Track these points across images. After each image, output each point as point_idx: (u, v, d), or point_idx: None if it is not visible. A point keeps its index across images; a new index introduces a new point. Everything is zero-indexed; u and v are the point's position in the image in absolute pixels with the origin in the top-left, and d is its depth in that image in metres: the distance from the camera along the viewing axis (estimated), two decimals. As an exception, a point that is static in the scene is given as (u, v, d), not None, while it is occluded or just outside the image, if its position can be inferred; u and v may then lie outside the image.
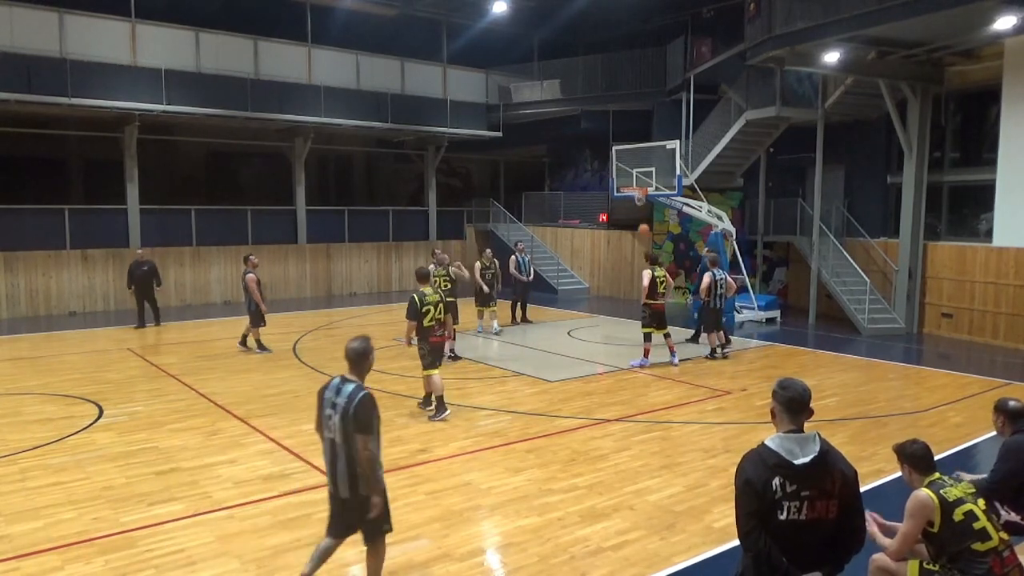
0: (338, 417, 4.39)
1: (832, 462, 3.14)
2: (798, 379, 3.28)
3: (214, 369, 11.68)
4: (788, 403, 3.18)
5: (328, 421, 4.48)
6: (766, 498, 3.05)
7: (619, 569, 5.22)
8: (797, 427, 3.17)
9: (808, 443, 3.12)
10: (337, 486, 4.49)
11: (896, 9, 12.02)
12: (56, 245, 17.61)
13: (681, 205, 17.58)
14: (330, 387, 4.53)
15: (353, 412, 4.33)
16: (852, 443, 8.03)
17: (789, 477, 3.05)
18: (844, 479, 3.13)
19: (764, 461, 3.11)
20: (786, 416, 3.18)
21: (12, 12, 16.11)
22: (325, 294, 21.58)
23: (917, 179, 15.20)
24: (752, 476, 3.10)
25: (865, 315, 15.39)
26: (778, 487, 3.05)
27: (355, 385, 4.45)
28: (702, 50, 19.70)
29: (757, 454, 3.16)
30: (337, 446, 4.43)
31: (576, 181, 25.72)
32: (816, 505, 3.07)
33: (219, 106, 18.39)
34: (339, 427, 4.39)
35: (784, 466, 3.07)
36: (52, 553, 5.36)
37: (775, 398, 3.23)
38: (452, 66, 23.03)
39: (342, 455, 4.41)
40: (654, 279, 11.82)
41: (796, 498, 3.05)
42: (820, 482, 3.08)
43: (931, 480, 4.14)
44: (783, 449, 3.11)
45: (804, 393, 3.19)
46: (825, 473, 3.10)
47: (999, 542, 3.95)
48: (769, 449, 3.13)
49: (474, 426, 8.60)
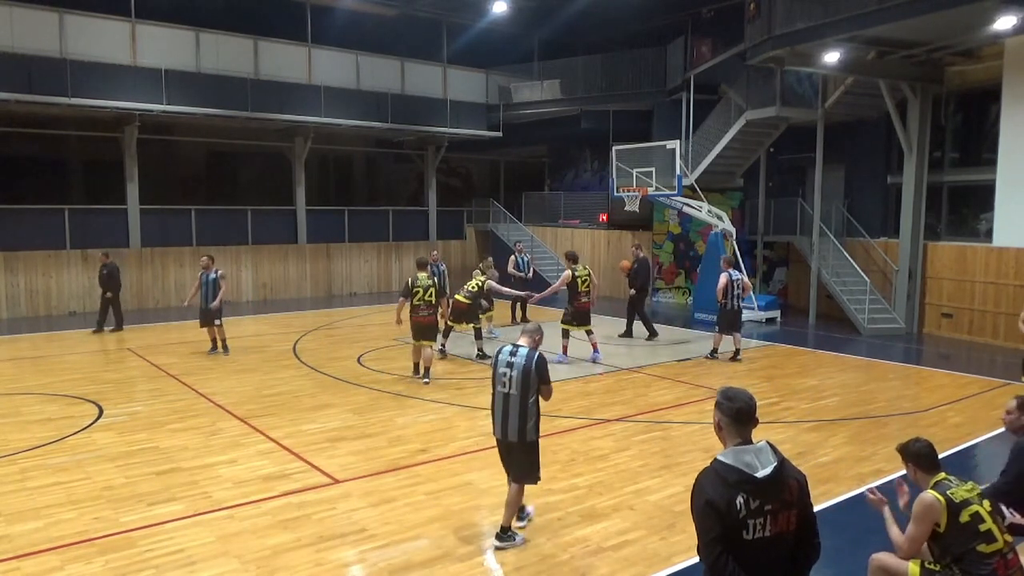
0: (515, 373, 5.41)
1: (787, 471, 2.96)
2: (741, 388, 3.08)
3: (214, 369, 11.68)
4: (736, 415, 2.98)
5: (503, 377, 5.46)
6: (730, 518, 2.82)
7: (619, 569, 5.22)
8: (744, 439, 2.98)
9: (764, 453, 2.93)
10: (507, 433, 5.47)
11: (896, 9, 12.01)
12: (56, 245, 17.61)
13: (681, 205, 17.58)
14: (503, 352, 5.56)
15: (535, 367, 5.41)
16: (852, 443, 8.03)
17: (752, 493, 2.84)
18: (799, 487, 2.96)
19: (724, 479, 2.87)
20: (734, 428, 2.98)
21: (12, 12, 16.10)
22: (325, 294, 21.58)
23: (917, 179, 15.20)
24: (713, 496, 2.84)
25: (865, 315, 15.39)
26: (742, 505, 2.83)
27: (528, 349, 5.52)
28: (702, 50, 19.71)
29: (714, 472, 2.92)
30: (511, 398, 5.43)
31: (576, 181, 25.72)
32: (779, 519, 2.88)
33: (219, 106, 18.39)
34: (517, 381, 5.41)
35: (746, 481, 2.85)
36: (52, 553, 5.36)
37: (720, 410, 3.01)
38: (452, 66, 23.02)
39: (515, 405, 5.42)
40: (575, 279, 12.08)
41: (760, 514, 2.85)
42: (780, 493, 2.89)
43: (937, 480, 4.12)
44: (742, 463, 2.88)
45: (750, 403, 3.00)
46: (784, 484, 2.91)
47: (1004, 544, 3.94)
48: (726, 465, 2.90)
49: (474, 426, 8.59)
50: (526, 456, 5.54)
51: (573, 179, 25.98)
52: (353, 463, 7.31)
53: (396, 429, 8.46)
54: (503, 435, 5.52)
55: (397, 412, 9.17)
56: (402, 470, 7.12)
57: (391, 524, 5.89)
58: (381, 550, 5.45)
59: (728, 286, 12.23)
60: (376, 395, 10.03)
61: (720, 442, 3.05)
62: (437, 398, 9.87)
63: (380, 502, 6.33)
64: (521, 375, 5.40)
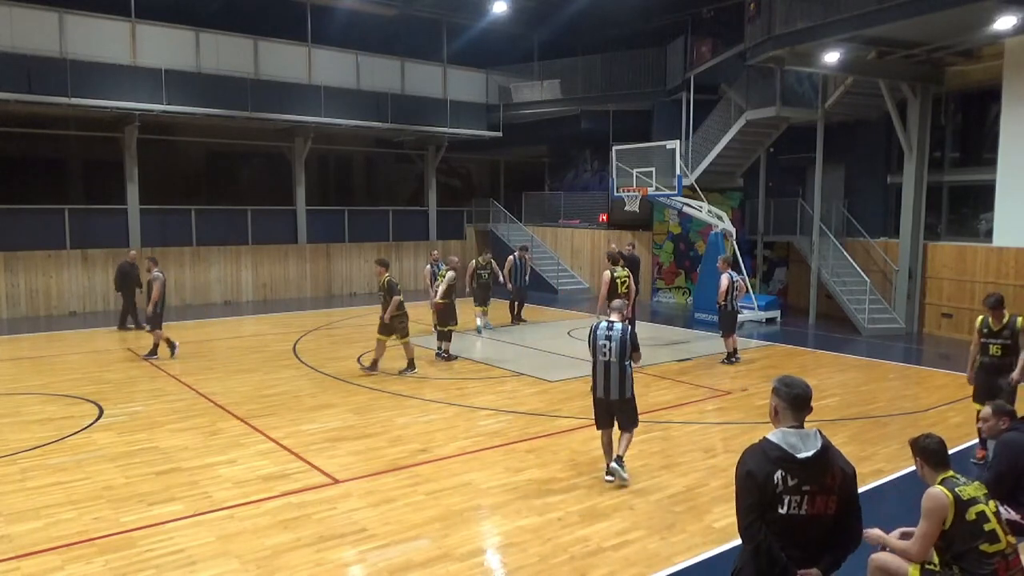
0: (614, 344, 6.62)
1: (832, 458, 3.16)
2: (799, 377, 3.30)
3: (214, 369, 11.68)
4: (793, 400, 3.19)
5: (603, 348, 6.66)
6: (767, 491, 3.06)
7: (619, 569, 5.22)
8: (798, 424, 3.19)
9: (810, 438, 3.14)
10: (608, 392, 6.69)
11: (896, 9, 12.01)
12: (56, 245, 17.61)
13: (681, 205, 17.57)
14: (600, 328, 6.73)
15: (630, 338, 6.68)
16: (852, 443, 8.03)
17: (791, 471, 3.07)
18: (844, 476, 3.15)
19: (766, 454, 3.11)
20: (789, 413, 3.20)
21: (12, 12, 16.10)
22: (325, 294, 21.58)
23: (917, 179, 15.19)
24: (754, 468, 3.10)
25: (865, 315, 15.38)
26: (780, 480, 3.06)
27: (620, 324, 6.73)
28: (702, 50, 19.70)
29: (759, 448, 3.16)
30: (611, 365, 6.65)
31: (576, 181, 25.72)
32: (816, 501, 3.08)
33: (219, 106, 18.39)
34: (615, 350, 6.61)
35: (787, 460, 3.08)
36: (52, 553, 5.36)
37: (778, 395, 3.23)
38: (452, 66, 23.02)
39: (615, 371, 6.64)
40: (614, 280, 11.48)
41: (797, 492, 3.06)
42: (821, 477, 3.09)
43: (945, 477, 4.12)
44: (786, 443, 3.11)
45: (807, 390, 3.22)
46: (826, 469, 3.11)
47: (1007, 545, 3.94)
48: (771, 443, 3.14)
49: (474, 426, 8.60)
50: (629, 407, 6.79)
51: (573, 179, 25.98)
52: (353, 463, 7.31)
53: (396, 429, 8.46)
54: (605, 395, 6.71)
55: (397, 412, 9.17)
56: (402, 470, 7.12)
57: (391, 524, 5.89)
58: (381, 550, 5.45)
59: (729, 288, 12.18)
60: (376, 395, 10.03)
61: (773, 426, 3.27)
62: (437, 398, 9.88)
63: (380, 502, 6.33)
64: (619, 345, 6.63)
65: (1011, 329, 7.48)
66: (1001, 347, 7.50)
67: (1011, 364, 7.42)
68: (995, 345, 7.53)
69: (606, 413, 6.81)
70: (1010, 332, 7.48)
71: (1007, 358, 7.47)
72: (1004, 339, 7.49)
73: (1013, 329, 7.48)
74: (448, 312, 12.32)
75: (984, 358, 7.63)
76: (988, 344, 7.59)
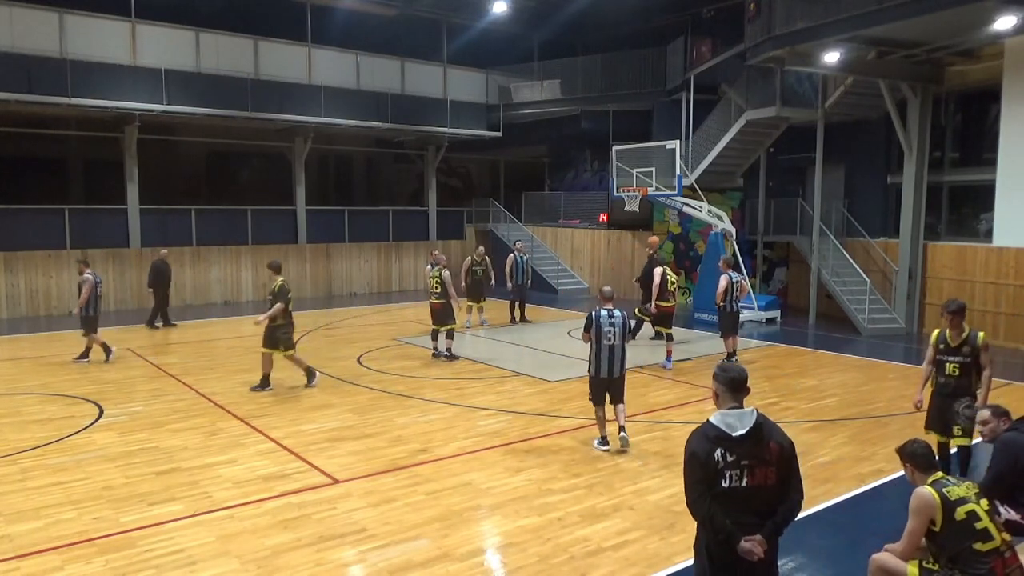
0: (617, 329, 7.58)
1: (767, 433, 3.44)
2: (733, 363, 3.55)
3: (214, 369, 11.68)
4: (730, 383, 3.52)
5: (609, 334, 7.56)
6: (709, 468, 3.37)
7: (619, 569, 5.22)
8: (737, 404, 3.49)
9: (745, 416, 3.44)
10: (612, 371, 7.64)
11: (896, 9, 12.01)
12: (56, 245, 17.61)
13: (681, 205, 17.58)
14: (602, 316, 7.59)
15: (626, 322, 7.73)
16: (852, 443, 8.04)
17: (729, 448, 3.38)
18: (780, 449, 3.44)
19: (706, 435, 3.44)
20: (728, 395, 3.52)
21: (12, 12, 16.10)
22: (325, 294, 21.58)
23: (917, 179, 15.19)
24: (696, 448, 3.43)
25: (865, 315, 15.39)
26: (720, 457, 3.37)
27: (619, 311, 7.69)
28: (702, 50, 19.70)
29: (701, 430, 3.50)
30: (615, 348, 7.60)
31: (576, 181, 25.72)
32: (756, 472, 3.38)
33: (219, 106, 18.39)
34: (618, 334, 7.59)
35: (724, 438, 3.39)
36: (52, 553, 5.36)
37: (717, 380, 3.56)
38: (452, 66, 23.02)
39: (618, 352, 7.63)
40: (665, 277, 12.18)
41: (736, 467, 3.37)
42: (757, 451, 3.39)
43: (934, 479, 4.16)
44: (723, 424, 3.43)
45: (742, 373, 3.55)
46: (760, 443, 3.40)
47: (1001, 543, 3.96)
48: (712, 424, 3.46)
49: (474, 426, 8.60)
50: (622, 381, 7.81)
51: (573, 179, 25.98)
52: (353, 463, 7.31)
53: (396, 429, 8.46)
54: (609, 374, 7.65)
55: (397, 412, 9.17)
56: (402, 470, 7.12)
57: (391, 524, 5.89)
58: (381, 550, 5.46)
59: (728, 288, 12.15)
60: (376, 395, 10.03)
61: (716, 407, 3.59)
62: (437, 398, 9.88)
63: (380, 502, 6.33)
64: (621, 329, 7.64)
65: (971, 345, 6.36)
66: (959, 366, 6.38)
67: (968, 386, 6.39)
68: (952, 363, 6.41)
69: (604, 390, 7.72)
70: (970, 349, 6.36)
71: (964, 379, 6.39)
72: (964, 356, 6.37)
73: (974, 345, 6.36)
74: (445, 312, 12.30)
75: (940, 378, 6.51)
76: (944, 362, 6.46)
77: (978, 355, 6.33)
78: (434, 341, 12.50)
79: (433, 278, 12.38)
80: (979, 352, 6.33)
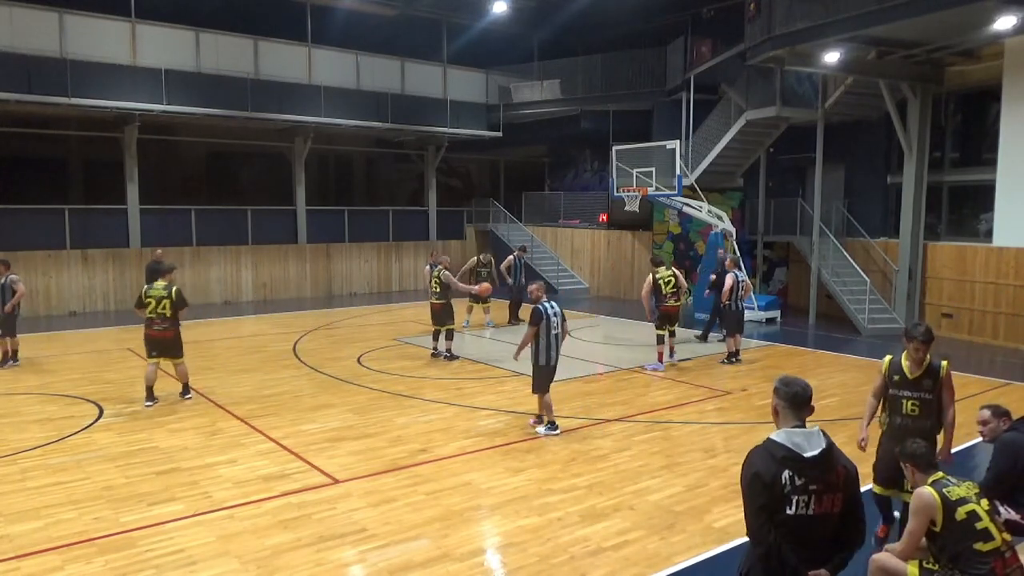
0: (559, 319, 8.21)
1: (836, 456, 3.17)
2: (798, 376, 3.31)
3: (214, 369, 11.68)
4: (792, 399, 3.20)
5: (555, 324, 8.17)
6: (775, 492, 3.05)
7: (619, 569, 5.22)
8: (800, 423, 3.20)
9: (814, 437, 3.14)
10: (558, 359, 8.34)
11: (896, 9, 12.01)
12: (56, 245, 17.60)
13: (681, 205, 17.58)
14: (547, 307, 8.16)
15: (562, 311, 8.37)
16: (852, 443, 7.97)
17: (798, 470, 3.06)
18: (847, 474, 3.17)
19: (772, 455, 3.10)
20: (790, 412, 3.20)
21: (12, 12, 16.09)
22: (325, 294, 21.58)
23: (917, 179, 15.19)
24: (761, 469, 3.08)
25: (865, 315, 15.38)
26: (787, 480, 3.05)
27: (557, 303, 8.30)
28: (702, 50, 19.68)
29: (765, 448, 3.16)
30: (558, 336, 8.23)
31: (576, 181, 25.72)
32: (823, 499, 3.08)
33: (219, 106, 18.39)
34: (560, 324, 8.24)
35: (793, 459, 3.07)
36: (52, 553, 5.36)
37: (778, 395, 3.24)
38: (452, 66, 23.02)
39: (560, 341, 8.30)
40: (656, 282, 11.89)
41: (804, 492, 3.06)
42: (827, 475, 3.10)
43: (935, 479, 4.16)
44: (791, 443, 3.11)
45: (807, 389, 3.22)
46: (831, 467, 3.12)
47: (1002, 543, 3.96)
48: (776, 443, 3.13)
49: (474, 426, 8.60)
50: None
51: (573, 179, 25.98)
52: (353, 463, 7.31)
53: (396, 429, 8.46)
54: (557, 361, 8.31)
55: (397, 412, 9.17)
56: (402, 470, 7.12)
57: (391, 524, 5.89)
58: (381, 550, 5.45)
59: (734, 287, 12.18)
60: (376, 395, 10.03)
61: (776, 426, 3.27)
62: (437, 398, 9.88)
63: (380, 502, 6.33)
64: (562, 319, 8.31)
65: (933, 378, 5.22)
66: (919, 404, 5.20)
67: (931, 430, 5.21)
68: (911, 401, 5.22)
69: (551, 378, 8.31)
70: (932, 383, 5.21)
71: (925, 420, 5.20)
72: (924, 392, 5.20)
73: (935, 378, 5.23)
74: (445, 312, 12.31)
75: (895, 418, 5.30)
76: (900, 398, 5.25)
77: (941, 390, 5.23)
78: (434, 341, 12.51)
79: (434, 278, 12.44)
80: (943, 387, 5.23)
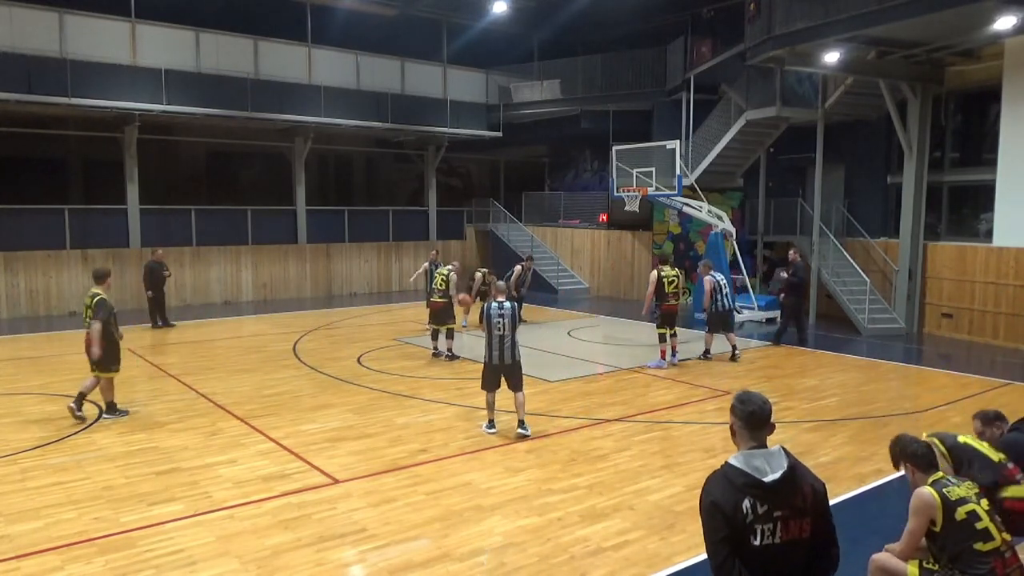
0: (506, 320, 8.08)
1: (801, 477, 2.88)
2: (756, 392, 3.00)
3: (214, 369, 11.67)
4: (749, 418, 2.90)
5: (498, 324, 8.08)
6: (736, 522, 2.76)
7: (619, 569, 5.22)
8: (759, 443, 2.90)
9: (774, 458, 2.85)
10: (503, 359, 8.13)
11: (896, 9, 12.01)
12: (56, 245, 17.61)
13: (681, 205, 17.57)
14: (493, 307, 8.14)
15: (515, 312, 8.21)
16: (852, 443, 8.03)
17: (759, 497, 2.77)
18: (814, 494, 2.87)
19: (731, 481, 2.81)
20: (747, 432, 2.91)
21: (12, 12, 16.10)
22: (325, 294, 21.58)
23: (917, 179, 15.19)
24: (719, 498, 2.79)
25: (865, 315, 15.38)
26: (748, 509, 2.76)
27: (510, 302, 8.24)
28: (702, 50, 19.69)
29: (722, 474, 2.86)
30: (505, 338, 8.10)
31: (576, 181, 25.72)
32: (790, 525, 2.80)
33: (219, 106, 18.39)
34: (507, 325, 8.09)
35: (754, 485, 2.78)
36: (52, 553, 5.36)
37: (734, 413, 2.94)
38: (452, 66, 23.02)
39: (508, 341, 8.11)
40: (661, 280, 11.93)
41: (769, 519, 2.77)
42: (791, 499, 2.81)
43: (934, 479, 4.15)
44: (749, 467, 2.82)
45: (765, 406, 2.92)
46: (796, 489, 2.83)
47: (1001, 543, 3.96)
48: (735, 468, 2.84)
49: (474, 426, 8.59)
50: (518, 369, 8.28)
51: (573, 179, 25.98)
52: (353, 463, 7.31)
53: (396, 429, 8.46)
54: (500, 360, 8.15)
55: (397, 412, 9.16)
56: (402, 470, 7.12)
57: (391, 524, 5.89)
58: (381, 550, 5.45)
59: (714, 290, 12.27)
60: (376, 395, 10.03)
61: (735, 446, 3.00)
62: (437, 398, 9.88)
63: (380, 502, 6.33)
64: (510, 320, 8.13)
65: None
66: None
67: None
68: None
69: (496, 376, 8.25)
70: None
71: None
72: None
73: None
74: (446, 311, 12.32)
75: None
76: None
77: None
78: (434, 341, 12.51)
79: (440, 275, 12.45)
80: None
